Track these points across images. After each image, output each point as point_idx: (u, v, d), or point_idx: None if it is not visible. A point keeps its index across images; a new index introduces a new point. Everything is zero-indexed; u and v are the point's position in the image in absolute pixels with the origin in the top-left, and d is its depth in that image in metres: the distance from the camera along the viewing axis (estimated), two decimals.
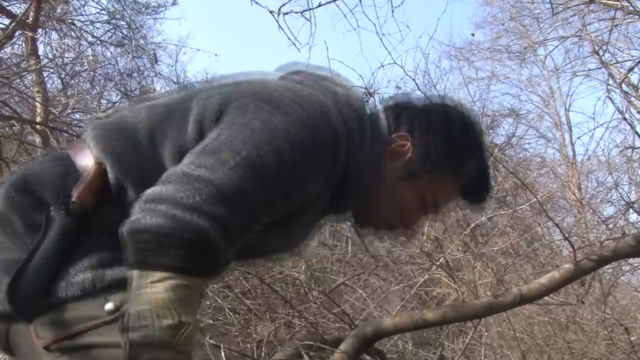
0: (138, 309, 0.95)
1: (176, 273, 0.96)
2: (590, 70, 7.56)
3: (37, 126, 5.16)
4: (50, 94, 5.88)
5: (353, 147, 1.23)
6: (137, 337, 0.93)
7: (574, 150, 10.47)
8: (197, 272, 0.99)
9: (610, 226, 4.04)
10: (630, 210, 4.04)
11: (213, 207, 0.99)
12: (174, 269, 0.97)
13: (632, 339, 4.25)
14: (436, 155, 1.31)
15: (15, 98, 5.33)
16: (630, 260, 4.46)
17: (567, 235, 3.87)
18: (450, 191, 1.37)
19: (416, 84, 6.68)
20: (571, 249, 3.49)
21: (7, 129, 4.89)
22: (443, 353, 5.22)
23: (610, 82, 4.05)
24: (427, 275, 5.13)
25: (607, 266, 4.59)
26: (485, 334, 5.45)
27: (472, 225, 5.94)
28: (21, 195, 1.11)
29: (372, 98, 7.35)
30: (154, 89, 8.16)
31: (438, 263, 4.78)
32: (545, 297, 4.17)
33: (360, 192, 1.28)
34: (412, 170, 1.31)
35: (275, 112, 1.12)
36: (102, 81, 7.32)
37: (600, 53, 4.52)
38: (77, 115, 5.63)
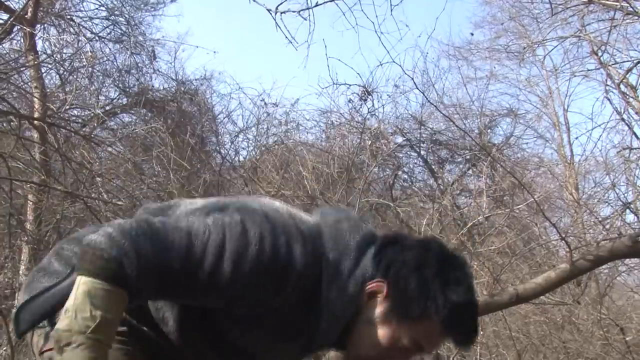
0: (67, 305, 1.20)
1: (95, 278, 1.21)
2: (589, 70, 7.55)
3: (35, 122, 5.14)
4: (48, 90, 5.86)
5: (327, 279, 1.33)
6: (62, 325, 1.18)
7: (571, 151, 10.48)
8: (112, 280, 1.21)
9: (607, 226, 4.04)
10: (627, 210, 4.05)
11: (145, 243, 1.23)
12: (93, 274, 1.21)
13: (627, 339, 4.26)
14: (410, 299, 1.33)
15: (14, 93, 5.31)
16: (627, 260, 4.46)
17: (563, 235, 3.87)
18: (433, 332, 1.36)
19: (414, 83, 6.69)
20: (568, 249, 3.50)
21: (4, 124, 4.87)
22: (439, 352, 5.22)
23: (609, 82, 4.04)
24: None
25: (603, 266, 4.59)
26: (481, 332, 5.45)
27: (469, 225, 5.93)
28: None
29: (370, 97, 7.36)
30: (152, 86, 8.16)
31: None
32: (541, 297, 4.18)
33: (333, 327, 1.35)
34: (389, 314, 1.34)
35: (248, 223, 1.32)
36: (101, 77, 7.30)
37: (599, 53, 4.52)
38: (75, 111, 5.61)
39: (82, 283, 1.21)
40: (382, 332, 1.35)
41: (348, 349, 1.42)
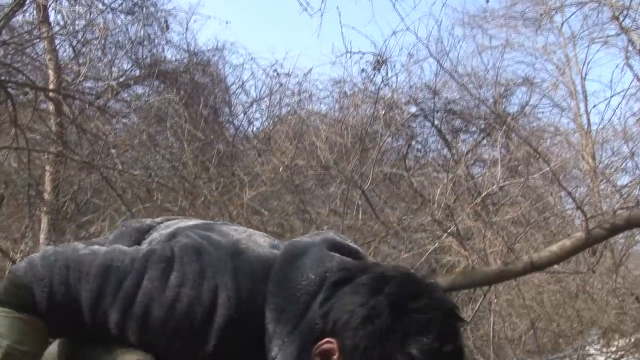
0: None
1: (2, 306, 1.13)
2: (609, 37, 7.37)
3: (51, 93, 5.17)
4: (62, 62, 5.88)
5: (268, 333, 1.14)
6: None
7: (589, 120, 10.32)
8: (22, 307, 1.12)
9: (624, 195, 4.00)
10: None
11: (60, 271, 1.14)
12: (2, 302, 1.13)
13: None
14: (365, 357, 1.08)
15: (28, 66, 5.33)
16: None
17: (579, 204, 3.86)
18: None
19: (429, 51, 6.63)
20: (583, 218, 3.48)
21: (21, 96, 4.91)
22: None
23: (630, 48, 3.96)
24: (437, 243, 5.14)
25: (619, 235, 4.57)
26: (495, 301, 5.48)
27: (484, 194, 5.92)
28: None
29: (384, 66, 7.29)
30: (165, 57, 8.14)
31: (449, 231, 4.78)
32: (556, 266, 4.18)
33: None
34: None
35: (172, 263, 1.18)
36: (113, 49, 7.30)
37: (620, 18, 4.41)
38: (89, 83, 5.64)
39: None
40: None
41: None
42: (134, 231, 1.35)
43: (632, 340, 4.25)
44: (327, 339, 1.11)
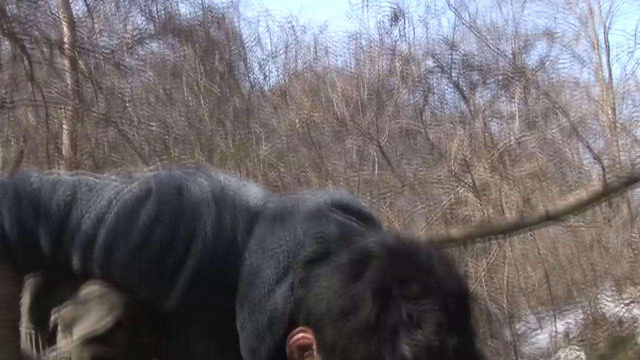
0: None
1: None
2: None
3: (66, 49, 5.18)
4: (76, 18, 5.86)
5: (239, 295, 0.99)
6: None
7: (610, 72, 10.10)
8: None
9: None
10: None
11: (13, 209, 1.00)
12: None
13: None
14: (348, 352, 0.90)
15: (43, 22, 5.33)
16: None
17: (597, 156, 3.82)
18: None
19: (448, 3, 6.51)
20: (601, 170, 3.45)
21: (37, 52, 4.93)
22: (467, 271, 5.33)
23: None
24: (453, 196, 5.15)
25: (637, 189, 4.55)
26: (510, 252, 5.52)
27: (500, 148, 5.91)
28: None
29: (401, 19, 7.17)
30: (179, 13, 8.07)
31: (465, 183, 4.79)
32: (572, 218, 4.17)
33: None
34: None
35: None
36: (127, 4, 7.25)
37: None
38: (104, 39, 5.63)
39: None
40: None
41: None
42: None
43: None
44: (301, 331, 0.93)
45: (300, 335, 0.93)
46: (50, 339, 1.01)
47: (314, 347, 0.93)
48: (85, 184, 1.04)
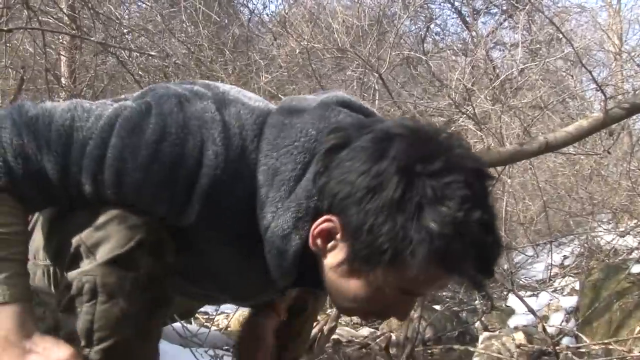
0: None
1: None
2: None
3: None
4: None
5: (259, 199, 1.00)
6: None
7: None
8: None
9: None
10: None
11: (13, 141, 0.97)
12: None
13: None
14: (372, 241, 0.92)
15: None
16: None
17: (599, 84, 3.80)
18: (419, 276, 0.93)
19: None
20: (603, 99, 3.44)
21: None
22: None
23: None
24: (454, 127, 5.15)
25: (638, 118, 4.54)
26: (509, 181, 5.57)
27: (502, 78, 5.86)
28: None
29: None
30: None
31: (466, 113, 4.78)
32: (571, 148, 4.19)
33: (279, 263, 1.02)
34: (353, 263, 0.96)
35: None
36: None
37: None
38: None
39: None
40: (355, 284, 0.98)
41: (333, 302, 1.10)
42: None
43: None
44: (326, 217, 0.96)
45: (325, 220, 0.95)
46: (69, 268, 1.01)
47: (338, 233, 0.96)
48: (81, 107, 1.01)
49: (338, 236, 0.97)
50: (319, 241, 0.98)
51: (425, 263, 0.90)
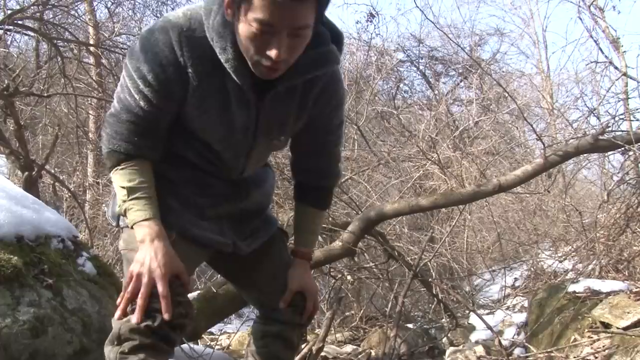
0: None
1: (110, 171, 1.40)
2: None
3: (91, 48, 5.31)
4: (99, 21, 5.98)
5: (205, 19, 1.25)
6: (117, 208, 1.38)
7: (548, 65, 10.53)
8: (117, 163, 1.33)
9: (575, 128, 4.24)
10: (592, 115, 4.25)
11: (114, 124, 1.34)
12: (110, 168, 1.41)
13: (584, 221, 4.56)
14: None
15: (72, 25, 5.44)
16: (589, 155, 4.66)
17: (539, 136, 4.04)
18: (261, 3, 1.13)
19: (415, 3, 6.66)
20: (542, 147, 3.64)
21: (67, 51, 5.06)
22: (433, 235, 5.57)
23: (581, 4, 4.13)
24: (421, 171, 5.34)
25: (569, 162, 4.81)
26: (469, 217, 5.76)
27: (461, 129, 6.14)
28: None
29: (376, 17, 7.35)
30: None
31: (431, 160, 4.98)
32: (519, 188, 4.40)
33: (223, 48, 1.23)
34: (235, 10, 1.19)
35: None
36: (142, 8, 7.33)
37: None
38: (122, 38, 5.76)
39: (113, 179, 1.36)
40: (240, 29, 1.18)
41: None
42: None
43: (574, 246, 4.63)
44: None
45: None
46: None
47: None
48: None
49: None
50: (229, 11, 1.19)
51: None
